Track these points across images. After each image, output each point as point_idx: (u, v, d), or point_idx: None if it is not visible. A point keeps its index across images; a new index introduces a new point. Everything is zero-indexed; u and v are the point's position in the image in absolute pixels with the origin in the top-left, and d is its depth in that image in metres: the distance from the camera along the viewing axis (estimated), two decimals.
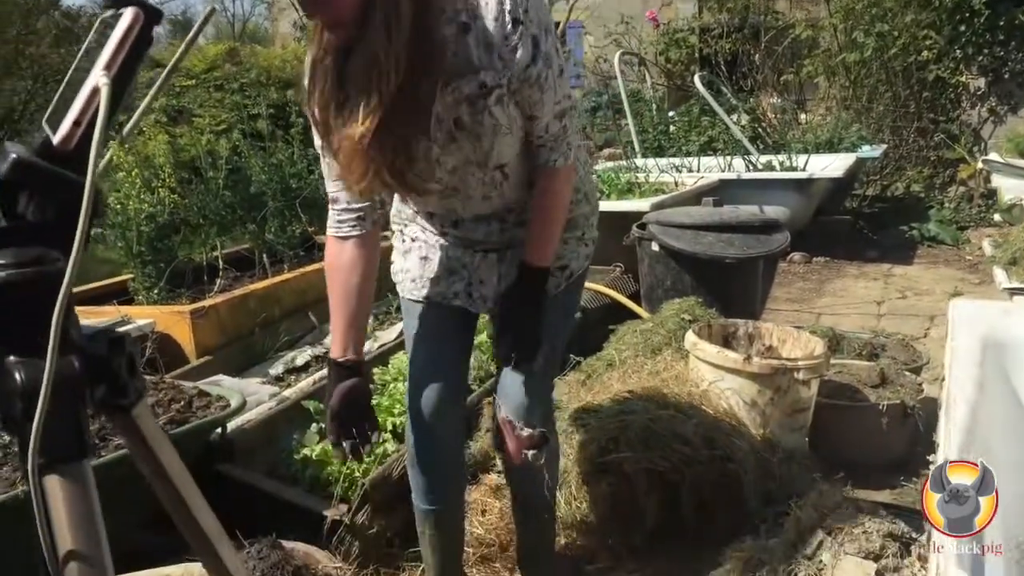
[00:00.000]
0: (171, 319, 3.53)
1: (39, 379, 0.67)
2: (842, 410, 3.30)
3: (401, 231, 2.24)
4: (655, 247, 4.52)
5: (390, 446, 2.84)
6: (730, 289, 4.36)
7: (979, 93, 9.28)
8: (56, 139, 0.77)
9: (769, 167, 7.53)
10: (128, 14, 0.81)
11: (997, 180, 6.87)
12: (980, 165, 7.76)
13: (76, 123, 0.76)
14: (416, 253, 2.20)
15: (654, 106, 9.79)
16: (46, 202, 0.74)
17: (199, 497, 0.75)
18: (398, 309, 4.41)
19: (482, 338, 3.43)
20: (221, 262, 4.28)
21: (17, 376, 0.71)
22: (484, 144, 1.88)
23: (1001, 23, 8.95)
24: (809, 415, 3.18)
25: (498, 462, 2.81)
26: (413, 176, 1.83)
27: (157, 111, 5.23)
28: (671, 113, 10.12)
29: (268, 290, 3.92)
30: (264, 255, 4.59)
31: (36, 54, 12.53)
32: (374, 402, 2.98)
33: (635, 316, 4.42)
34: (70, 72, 0.85)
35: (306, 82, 1.83)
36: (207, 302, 3.71)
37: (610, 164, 7.65)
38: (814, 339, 3.34)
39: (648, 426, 2.73)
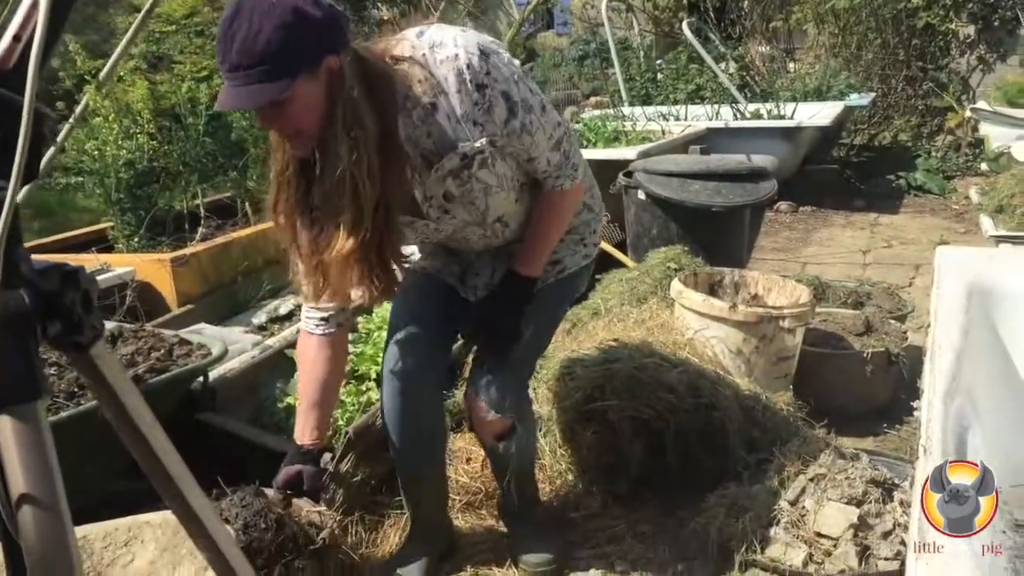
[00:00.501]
0: (151, 267, 3.48)
1: None
2: (827, 358, 3.30)
3: None
4: (641, 195, 4.48)
5: (373, 395, 2.82)
6: (716, 238, 4.35)
7: (968, 41, 9.20)
8: None
9: (757, 116, 7.47)
10: None
11: (985, 128, 6.84)
12: (968, 114, 7.72)
13: (16, 38, 0.72)
14: (416, 241, 2.24)
15: (641, 54, 9.67)
16: None
17: (165, 440, 0.73)
18: None
19: None
20: (203, 210, 4.22)
21: None
22: (479, 206, 1.92)
23: None
24: (794, 363, 3.18)
25: None
26: (400, 270, 1.89)
27: (136, 58, 5.12)
28: (659, 61, 10.00)
29: (251, 238, 3.87)
30: (246, 203, 4.53)
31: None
32: (359, 350, 2.98)
33: (621, 265, 4.40)
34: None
35: (271, 195, 1.81)
36: (188, 250, 3.66)
37: (597, 112, 7.58)
38: (800, 287, 3.33)
39: (633, 374, 2.72)
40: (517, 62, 1.87)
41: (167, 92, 5.07)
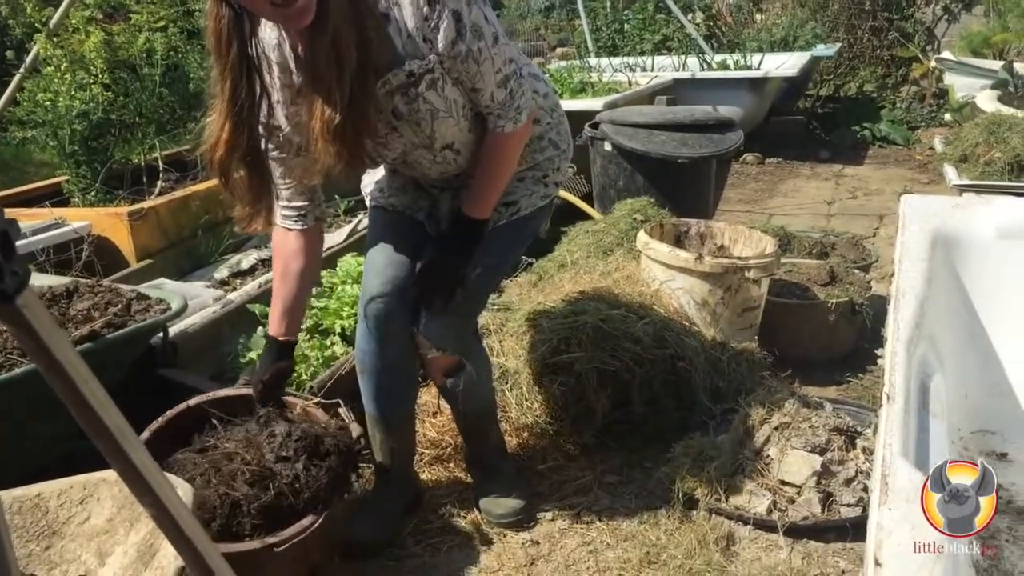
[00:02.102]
0: (108, 221, 3.40)
1: None
2: (791, 308, 3.32)
3: None
4: (608, 147, 4.45)
5: (338, 349, 2.80)
6: (683, 189, 4.33)
7: None
8: None
9: (724, 67, 7.44)
10: None
11: (950, 79, 6.85)
12: (933, 64, 7.74)
13: None
14: (386, 169, 2.23)
15: (608, 4, 9.56)
16: None
17: (103, 394, 0.69)
18: (345, 212, 4.33)
19: None
20: (161, 163, 4.13)
21: None
22: (424, 129, 1.89)
23: None
24: (759, 313, 3.19)
25: None
26: (372, 152, 1.88)
27: (91, 7, 4.95)
28: (625, 11, 9.90)
29: (210, 192, 3.78)
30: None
31: None
32: (322, 305, 2.95)
33: (587, 217, 4.38)
34: None
35: (213, 126, 1.77)
36: (146, 204, 3.57)
37: (563, 63, 7.50)
38: (765, 238, 3.33)
39: (599, 326, 2.71)
40: None
41: (123, 44, 4.93)
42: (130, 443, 0.69)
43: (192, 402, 2.13)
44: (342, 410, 2.20)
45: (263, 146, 1.83)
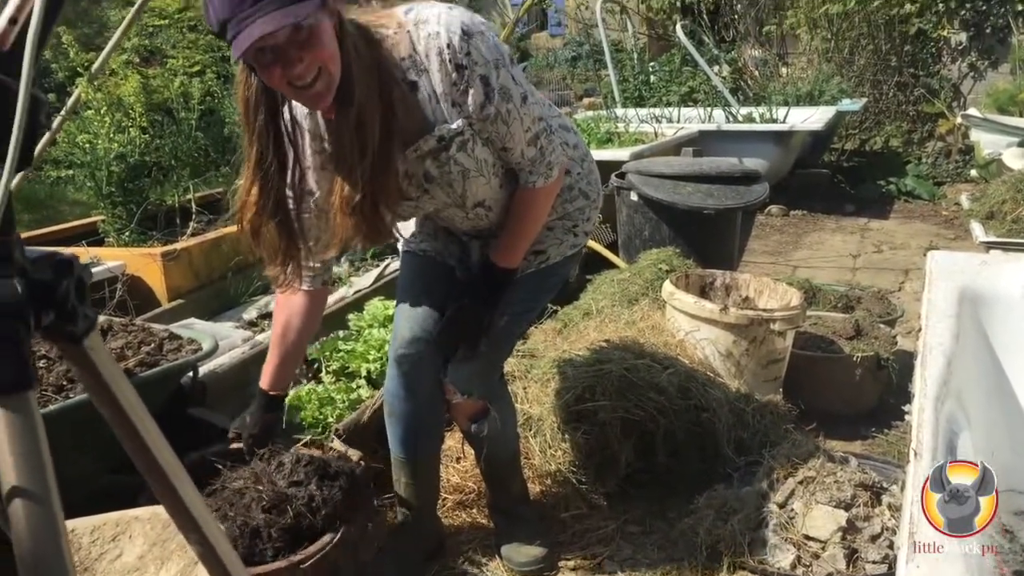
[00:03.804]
0: (142, 261, 3.46)
1: None
2: (816, 361, 3.31)
3: None
4: (634, 197, 4.49)
5: (364, 392, 2.82)
6: (708, 240, 4.35)
7: (960, 48, 9.24)
8: None
9: (749, 119, 7.49)
10: None
11: (976, 135, 6.86)
12: (959, 120, 7.75)
13: (12, 21, 0.70)
14: (419, 219, 2.25)
15: (635, 56, 9.68)
16: None
17: (157, 433, 0.72)
18: (373, 256, 4.38)
19: None
20: (194, 205, 4.20)
21: None
22: (456, 189, 1.91)
23: None
24: (784, 366, 3.19)
25: None
26: (391, 225, 1.90)
27: (129, 51, 5.08)
28: (652, 63, 10.02)
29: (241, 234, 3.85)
30: None
31: None
32: (349, 347, 2.98)
33: (612, 266, 4.40)
34: None
35: (243, 188, 1.79)
36: (179, 244, 3.64)
37: (590, 113, 7.58)
38: (790, 291, 3.33)
39: (624, 376, 2.73)
40: (506, 47, 1.85)
41: (159, 87, 5.05)
42: (181, 481, 0.71)
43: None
44: (336, 443, 2.24)
45: (292, 207, 1.84)
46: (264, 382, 2.13)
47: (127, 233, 3.83)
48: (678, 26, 8.73)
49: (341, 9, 1.65)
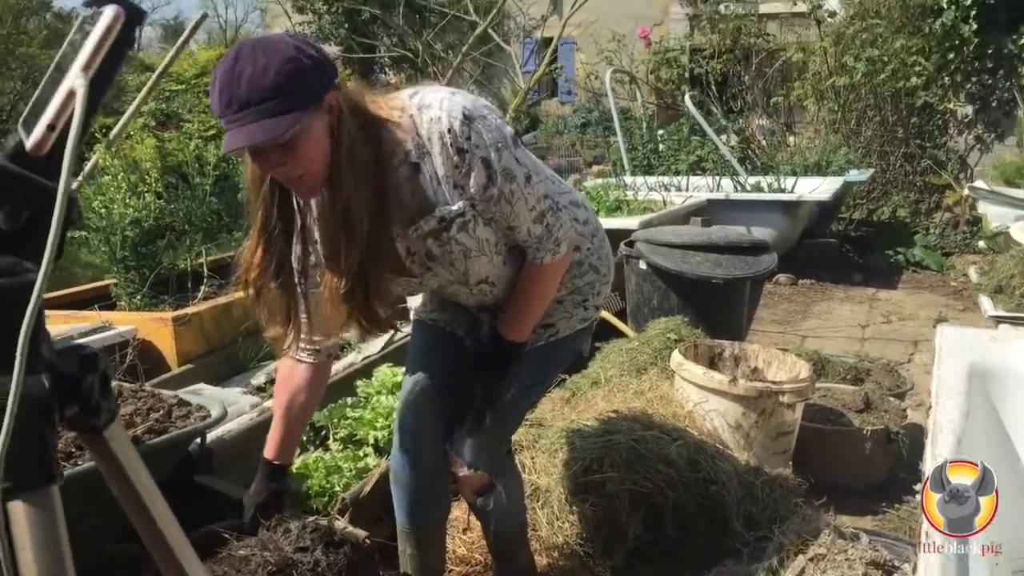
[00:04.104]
0: (153, 326, 3.48)
1: (4, 399, 0.63)
2: (826, 434, 3.29)
3: None
4: (643, 265, 4.51)
5: (371, 460, 2.81)
6: (717, 309, 4.36)
7: (966, 120, 9.35)
8: (29, 143, 0.73)
9: (757, 188, 7.55)
10: (108, 13, 0.78)
11: (983, 207, 6.90)
12: (966, 192, 7.80)
13: (50, 127, 0.73)
14: (429, 292, 2.25)
15: (644, 124, 9.80)
16: (18, 209, 0.70)
17: (167, 512, 0.72)
18: None
19: None
20: (206, 269, 4.24)
21: None
22: (459, 268, 1.93)
23: (990, 51, 9.03)
24: (793, 439, 3.17)
25: None
26: (384, 313, 1.88)
27: (145, 115, 5.18)
28: (660, 131, 10.14)
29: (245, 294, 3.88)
30: None
31: (26, 54, 12.48)
32: (357, 415, 2.97)
33: (621, 334, 4.40)
34: (48, 72, 0.81)
35: (247, 252, 1.83)
36: (190, 309, 3.67)
37: (599, 181, 7.65)
38: (799, 362, 3.33)
39: (633, 447, 2.71)
40: (509, 129, 1.87)
41: (174, 150, 5.13)
42: (187, 559, 0.71)
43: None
44: (339, 521, 2.22)
45: (296, 279, 1.86)
46: (268, 452, 2.13)
47: (139, 297, 3.86)
48: (687, 96, 8.86)
49: (343, 100, 1.68)
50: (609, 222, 5.56)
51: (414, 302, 2.35)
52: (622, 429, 2.81)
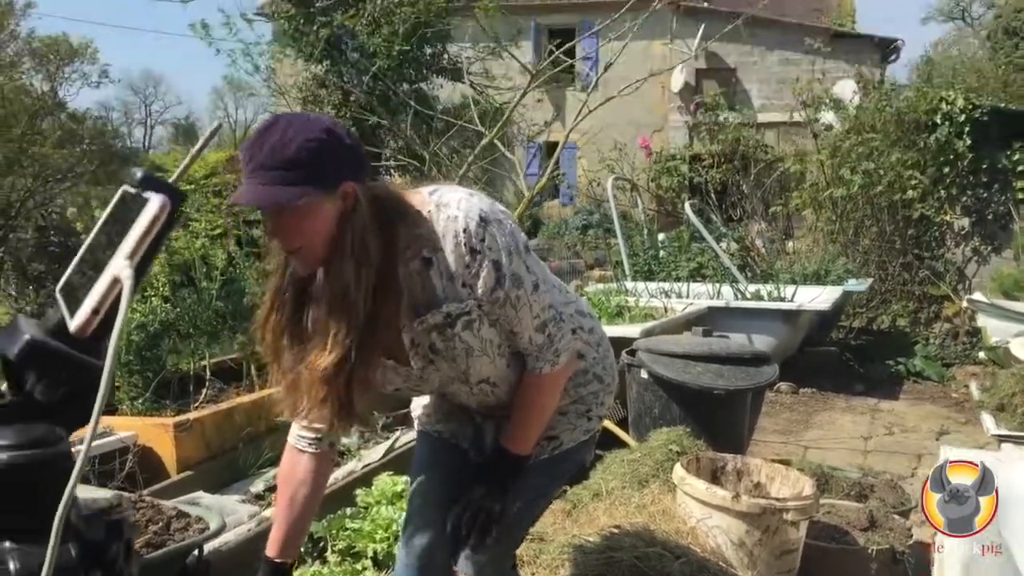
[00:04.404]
0: (154, 431, 3.47)
1: (34, 571, 0.63)
2: (830, 553, 3.25)
3: None
4: (644, 374, 4.51)
5: (370, 574, 2.77)
6: (718, 420, 4.34)
7: (963, 232, 9.48)
8: (73, 326, 0.76)
9: (757, 296, 7.61)
10: (155, 203, 0.81)
11: (983, 320, 6.95)
12: (965, 304, 7.86)
13: (95, 311, 0.76)
14: (433, 397, 2.26)
15: (645, 231, 9.94)
16: (56, 383, 0.72)
17: None
18: (383, 428, 4.38)
19: None
20: (208, 371, 4.25)
21: (12, 565, 0.68)
22: (460, 365, 1.94)
23: (984, 166, 9.22)
24: (798, 557, 3.13)
25: None
26: (361, 408, 1.86)
27: None
28: (661, 236, 10.27)
29: (255, 404, 3.88)
30: (252, 366, 4.56)
31: (39, 153, 12.74)
32: (356, 526, 2.94)
33: (622, 444, 4.38)
34: (88, 241, 0.85)
35: (262, 311, 1.86)
36: (192, 415, 3.66)
37: (600, 286, 7.72)
38: (803, 478, 3.31)
39: (635, 564, 2.68)
40: (522, 236, 1.91)
41: (181, 248, 5.20)
42: None
43: None
44: None
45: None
46: (270, 550, 2.07)
47: (141, 401, 3.86)
48: (687, 205, 9.01)
49: (363, 191, 1.72)
50: (611, 330, 5.58)
51: (417, 410, 2.34)
52: (624, 546, 2.78)
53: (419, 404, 2.35)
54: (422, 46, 14.07)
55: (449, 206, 1.82)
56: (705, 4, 21.88)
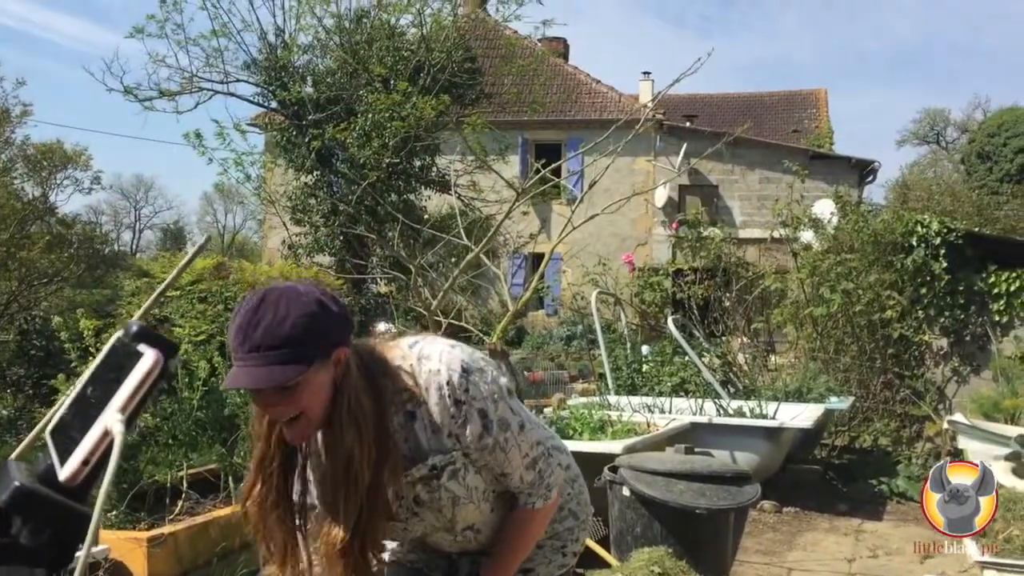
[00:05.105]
0: (127, 546, 3.40)
1: None
2: None
3: None
4: (626, 492, 4.49)
5: None
6: (701, 540, 4.31)
7: (942, 353, 9.57)
8: (63, 475, 0.78)
9: (740, 413, 7.61)
10: (149, 358, 0.84)
11: (963, 442, 6.95)
12: (946, 425, 7.88)
13: (85, 462, 0.79)
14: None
15: (629, 345, 9.99)
16: (43, 528, 0.74)
17: None
18: None
19: None
20: (185, 483, 4.20)
21: None
22: (446, 514, 1.95)
23: (961, 288, 9.38)
24: None
25: None
26: (377, 566, 1.87)
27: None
28: (645, 349, 10.32)
29: (231, 517, 3.82)
30: (231, 478, 4.50)
31: (26, 258, 12.82)
32: None
33: (604, 563, 4.32)
34: (76, 389, 0.88)
35: (247, 483, 1.87)
36: (166, 529, 3.60)
37: (583, 399, 7.72)
38: None
39: None
40: (504, 380, 1.93)
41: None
42: None
43: None
44: None
45: (295, 517, 1.87)
46: None
47: (114, 513, 3.79)
48: (670, 320, 9.09)
49: (351, 353, 1.75)
50: (593, 446, 5.59)
51: (389, 543, 2.31)
52: None
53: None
54: (411, 159, 14.38)
55: (431, 359, 1.84)
56: (688, 124, 22.61)
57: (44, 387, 7.73)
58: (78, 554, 0.74)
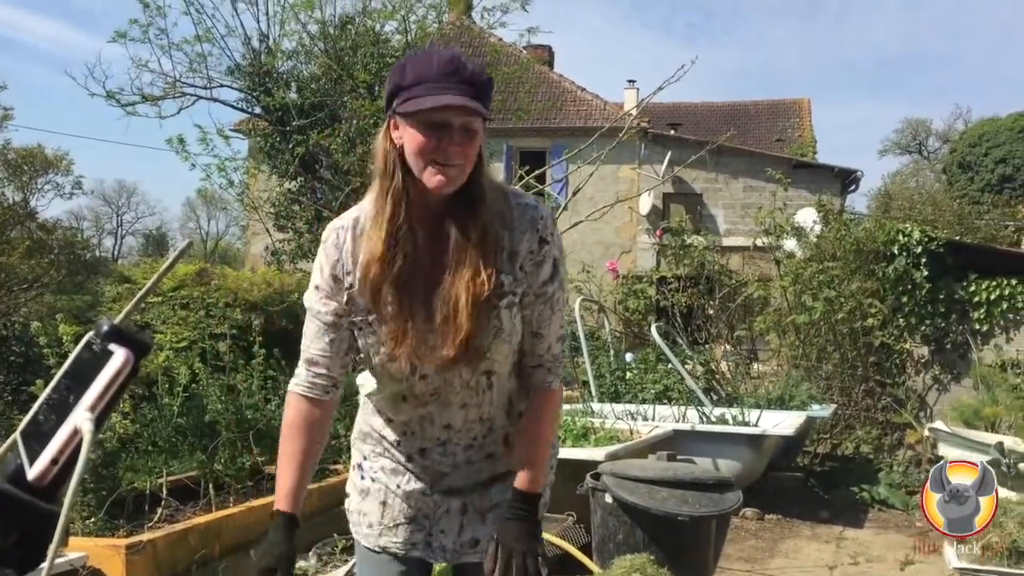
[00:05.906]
0: (105, 553, 3.37)
1: None
2: None
3: (360, 464, 2.14)
4: (608, 499, 4.49)
5: None
6: (683, 547, 4.31)
7: (923, 361, 9.64)
8: (32, 475, 0.78)
9: (722, 420, 7.63)
10: (119, 356, 0.84)
11: (944, 449, 7.00)
12: (927, 432, 7.93)
13: (54, 461, 0.78)
14: (375, 497, 2.10)
15: (612, 353, 10.01)
16: (11, 528, 0.74)
17: None
18: (343, 551, 4.28)
19: None
20: (165, 490, 4.16)
21: None
22: (482, 383, 1.95)
23: (942, 296, 9.45)
24: None
25: None
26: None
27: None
28: (628, 356, 10.34)
29: (210, 524, 3.79)
30: (211, 485, 4.47)
31: (6, 263, 12.73)
32: None
33: (585, 570, 4.32)
34: (48, 390, 0.87)
35: (374, 239, 1.85)
36: (145, 536, 3.57)
37: (567, 407, 7.72)
38: None
39: None
40: None
41: (144, 360, 5.14)
42: None
43: None
44: None
45: (353, 319, 1.90)
46: (283, 504, 1.93)
47: (93, 520, 3.76)
48: (653, 328, 9.12)
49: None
50: (576, 452, 5.59)
51: (360, 524, 2.14)
52: None
53: (356, 510, 2.15)
54: None
55: (522, 197, 1.96)
56: (672, 132, 22.69)
57: (23, 393, 7.67)
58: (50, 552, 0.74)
